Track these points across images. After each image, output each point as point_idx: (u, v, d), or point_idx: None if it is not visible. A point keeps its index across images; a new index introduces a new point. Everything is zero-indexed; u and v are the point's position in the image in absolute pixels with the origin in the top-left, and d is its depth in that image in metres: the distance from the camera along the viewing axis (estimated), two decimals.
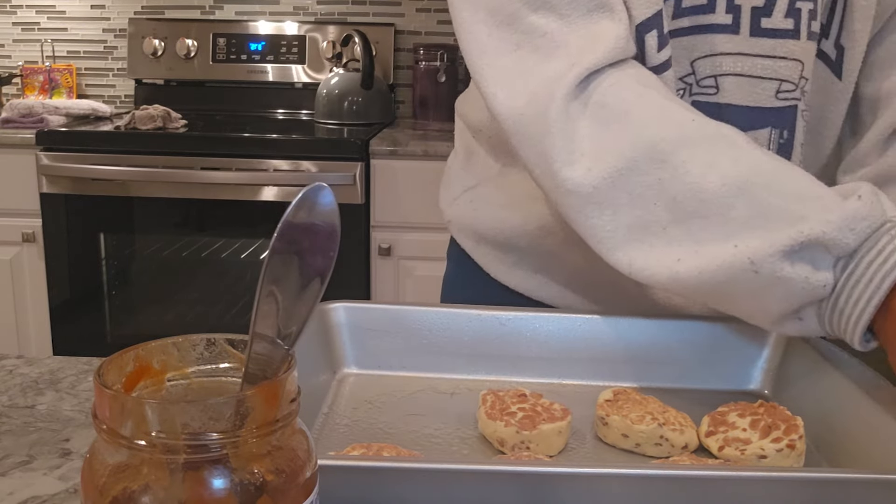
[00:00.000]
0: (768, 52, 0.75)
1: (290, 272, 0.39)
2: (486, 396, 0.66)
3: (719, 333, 0.74)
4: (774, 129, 0.76)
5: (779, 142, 0.77)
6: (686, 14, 0.75)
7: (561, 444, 0.63)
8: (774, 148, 0.76)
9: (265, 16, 2.80)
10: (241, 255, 2.40)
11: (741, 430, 0.62)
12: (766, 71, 0.75)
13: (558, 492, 0.49)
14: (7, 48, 2.92)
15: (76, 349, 2.38)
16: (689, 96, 0.76)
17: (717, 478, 0.50)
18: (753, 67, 0.75)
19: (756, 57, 0.75)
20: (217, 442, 0.34)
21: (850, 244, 0.59)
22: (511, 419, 0.63)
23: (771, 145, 0.76)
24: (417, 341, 0.74)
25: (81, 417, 0.69)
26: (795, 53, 0.75)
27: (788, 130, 0.77)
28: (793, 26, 0.74)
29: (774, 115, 0.76)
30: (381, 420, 0.67)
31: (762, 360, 0.74)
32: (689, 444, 0.63)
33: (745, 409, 0.64)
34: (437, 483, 0.49)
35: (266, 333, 0.38)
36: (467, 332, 0.74)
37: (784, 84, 0.76)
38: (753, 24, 0.74)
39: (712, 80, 0.75)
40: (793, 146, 0.77)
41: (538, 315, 0.75)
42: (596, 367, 0.74)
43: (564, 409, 0.65)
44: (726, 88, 0.75)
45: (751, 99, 0.76)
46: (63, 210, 2.31)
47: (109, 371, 0.37)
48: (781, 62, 0.75)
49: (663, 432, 0.63)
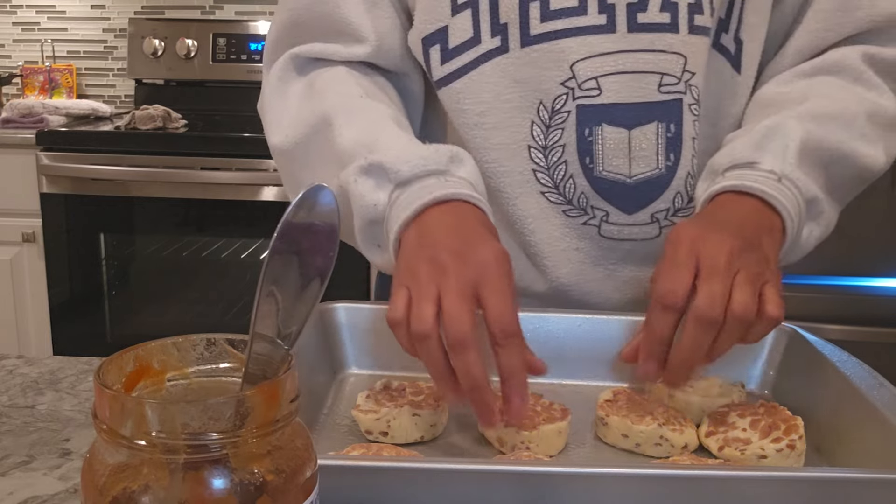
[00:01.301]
0: (647, 47, 0.75)
1: (290, 272, 0.39)
2: None
3: None
4: (661, 123, 0.77)
5: (667, 136, 0.77)
6: (556, 17, 0.76)
7: (561, 444, 0.64)
8: (663, 142, 0.77)
9: (265, 16, 2.80)
10: (241, 255, 2.40)
11: (741, 430, 0.62)
12: (647, 65, 0.76)
13: (558, 492, 0.49)
14: (7, 48, 2.92)
15: (76, 349, 2.38)
16: (572, 100, 0.77)
17: (716, 477, 0.50)
18: (635, 63, 0.76)
19: (636, 52, 0.75)
20: (217, 442, 0.34)
21: (405, 174, 0.70)
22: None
23: (659, 139, 0.77)
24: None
25: (81, 417, 0.69)
26: (675, 47, 0.76)
27: (675, 124, 0.77)
28: (669, 20, 0.75)
29: (659, 108, 0.77)
30: None
31: (762, 360, 0.74)
32: (689, 444, 0.63)
33: (745, 410, 0.64)
34: (436, 483, 0.49)
35: (266, 333, 0.38)
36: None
37: (666, 77, 0.76)
38: (630, 21, 0.75)
39: (594, 81, 0.76)
40: (682, 140, 0.78)
41: (539, 315, 0.75)
42: (596, 367, 0.74)
43: (564, 409, 0.65)
44: (609, 88, 0.76)
45: (635, 95, 0.76)
46: (63, 210, 2.31)
47: (109, 371, 0.37)
48: (661, 55, 0.76)
49: (663, 432, 0.63)
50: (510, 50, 0.77)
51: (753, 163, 0.72)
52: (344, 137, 0.75)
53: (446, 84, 0.80)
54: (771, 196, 0.69)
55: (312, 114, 0.79)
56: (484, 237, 0.65)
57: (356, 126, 0.76)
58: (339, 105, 0.78)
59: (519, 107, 0.78)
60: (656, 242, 0.80)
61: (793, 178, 0.71)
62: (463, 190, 0.69)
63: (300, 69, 0.85)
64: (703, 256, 0.63)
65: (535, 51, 0.76)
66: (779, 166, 0.71)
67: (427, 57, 0.80)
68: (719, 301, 0.61)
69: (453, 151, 0.73)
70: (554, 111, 0.77)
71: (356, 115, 0.77)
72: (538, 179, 0.79)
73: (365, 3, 0.81)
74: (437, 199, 0.68)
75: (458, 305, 0.60)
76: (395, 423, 0.63)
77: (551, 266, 0.82)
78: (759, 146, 0.73)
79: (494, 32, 0.77)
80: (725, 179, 0.72)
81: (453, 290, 0.60)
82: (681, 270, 0.63)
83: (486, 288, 0.61)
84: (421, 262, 0.63)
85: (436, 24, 0.79)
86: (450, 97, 0.80)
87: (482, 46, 0.78)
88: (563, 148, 0.78)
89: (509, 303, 0.61)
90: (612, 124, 0.76)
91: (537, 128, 0.78)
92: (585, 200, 0.79)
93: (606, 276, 0.82)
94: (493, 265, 0.62)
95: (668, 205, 0.79)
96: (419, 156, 0.71)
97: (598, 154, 0.77)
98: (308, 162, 0.80)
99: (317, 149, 0.79)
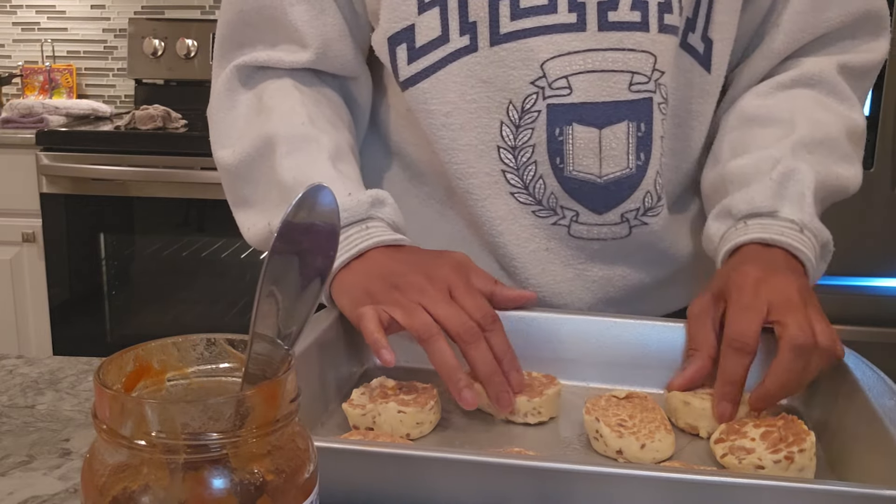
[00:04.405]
0: (616, 45, 0.75)
1: (290, 272, 0.39)
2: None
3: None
4: (631, 122, 0.77)
5: (637, 135, 0.77)
6: (526, 15, 0.75)
7: (559, 408, 0.69)
8: (633, 142, 0.77)
9: None
10: (240, 255, 2.40)
11: (749, 439, 0.61)
12: (616, 64, 0.75)
13: (571, 489, 0.49)
14: (7, 48, 2.92)
15: (76, 349, 2.39)
16: (542, 100, 0.76)
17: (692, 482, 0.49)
18: (604, 61, 0.75)
19: (606, 51, 0.75)
20: (217, 442, 0.34)
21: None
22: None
23: (630, 138, 0.77)
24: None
25: (81, 417, 0.69)
26: (644, 45, 0.76)
27: (645, 123, 0.77)
28: (640, 18, 0.75)
29: (629, 107, 0.76)
30: None
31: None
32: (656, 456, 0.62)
33: (762, 421, 0.63)
34: (432, 472, 0.50)
35: (266, 333, 0.38)
36: None
37: (636, 76, 0.76)
38: (601, 19, 0.75)
39: (564, 80, 0.76)
40: (651, 139, 0.78)
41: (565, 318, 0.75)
42: (614, 370, 0.73)
43: (548, 376, 0.70)
44: (579, 87, 0.76)
45: (605, 94, 0.76)
46: (63, 210, 2.31)
47: (109, 371, 0.37)
48: (631, 54, 0.75)
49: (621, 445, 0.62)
50: (479, 49, 0.77)
51: (774, 212, 0.74)
52: (284, 168, 0.78)
53: (413, 84, 0.79)
54: (797, 249, 0.73)
55: (258, 136, 0.81)
56: (430, 253, 0.73)
57: (295, 160, 0.78)
58: (282, 131, 0.80)
59: (486, 107, 0.78)
60: (626, 242, 0.81)
61: (812, 228, 0.74)
62: (384, 237, 0.74)
63: (245, 81, 0.87)
64: (774, 295, 0.67)
65: (505, 49, 0.76)
66: (798, 215, 0.74)
67: (393, 56, 0.80)
68: (808, 330, 0.64)
69: (373, 196, 0.76)
70: (524, 111, 0.77)
71: (297, 148, 0.79)
72: (507, 180, 0.79)
73: (312, 11, 0.82)
74: (360, 252, 0.72)
75: (450, 307, 0.67)
76: (380, 419, 0.64)
77: (521, 267, 0.82)
78: (777, 195, 0.75)
79: (463, 31, 0.77)
80: (750, 229, 0.74)
81: (438, 301, 0.67)
82: (751, 313, 0.66)
83: (457, 291, 0.69)
84: (390, 289, 0.69)
85: (402, 23, 0.78)
86: (416, 97, 0.79)
87: (450, 45, 0.77)
88: (532, 148, 0.77)
89: (480, 296, 0.69)
90: (583, 124, 0.76)
91: (506, 128, 0.78)
92: (555, 201, 0.79)
93: (576, 275, 0.82)
94: (452, 272, 0.70)
95: (638, 204, 0.79)
96: (343, 208, 0.72)
97: (569, 154, 0.77)
98: (251, 180, 0.83)
99: (259, 169, 0.81)
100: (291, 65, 0.84)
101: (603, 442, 0.62)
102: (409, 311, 0.67)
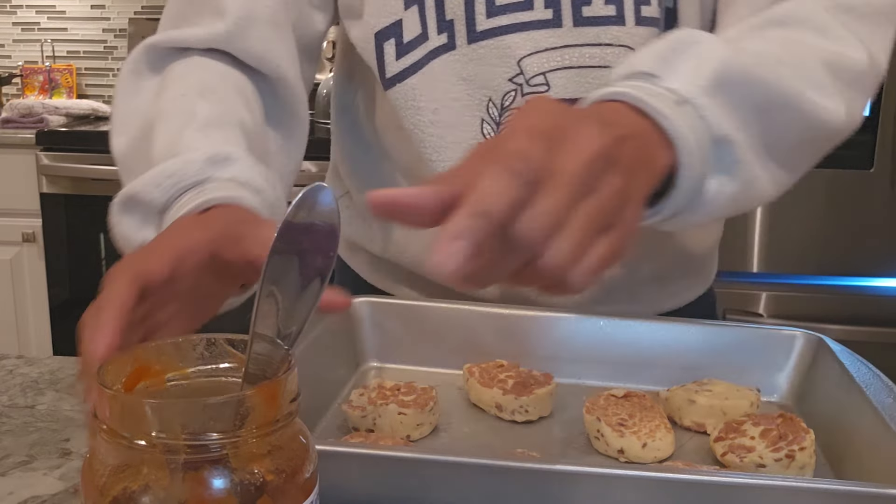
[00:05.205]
0: (593, 41, 0.74)
1: (290, 272, 0.39)
2: (472, 369, 0.70)
3: (744, 338, 0.73)
4: None
5: None
6: (502, 12, 0.75)
7: (551, 407, 0.68)
8: None
9: None
10: None
11: (749, 437, 0.61)
12: (594, 59, 0.75)
13: (567, 490, 0.49)
14: (7, 48, 2.92)
15: (76, 349, 2.38)
16: (521, 96, 0.76)
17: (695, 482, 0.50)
18: (581, 57, 0.75)
19: (582, 46, 0.74)
20: (217, 442, 0.34)
21: (159, 200, 0.60)
22: (504, 386, 0.67)
23: None
24: (439, 337, 0.75)
25: (81, 417, 0.69)
26: (622, 40, 0.75)
27: None
28: (615, 12, 0.74)
29: None
30: None
31: (788, 369, 0.72)
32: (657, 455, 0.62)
33: (761, 419, 0.63)
34: (435, 476, 0.50)
35: (266, 333, 0.38)
36: (490, 330, 0.74)
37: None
38: (576, 15, 0.74)
39: (542, 77, 0.75)
40: None
41: (565, 317, 0.75)
42: (608, 368, 0.73)
43: (545, 374, 0.69)
44: (556, 84, 0.75)
45: (582, 90, 0.75)
46: (63, 210, 2.31)
47: (109, 371, 0.37)
48: (608, 49, 0.74)
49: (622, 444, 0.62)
50: (457, 47, 0.76)
51: (652, 76, 0.57)
52: (157, 144, 0.65)
53: (401, 80, 0.78)
54: (664, 117, 0.54)
55: (146, 119, 0.69)
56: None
57: (167, 130, 0.65)
58: (164, 106, 0.68)
59: (468, 105, 0.77)
60: None
61: (698, 104, 0.56)
62: (219, 194, 0.58)
63: (153, 64, 0.75)
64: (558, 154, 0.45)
65: (482, 47, 0.75)
66: (683, 86, 0.56)
67: (381, 52, 0.78)
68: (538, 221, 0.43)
69: (213, 153, 0.61)
70: (503, 108, 0.76)
71: (171, 118, 0.67)
72: None
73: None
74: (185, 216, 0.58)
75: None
76: (380, 420, 0.64)
77: None
78: (664, 59, 0.58)
79: (441, 29, 0.76)
80: (612, 86, 0.56)
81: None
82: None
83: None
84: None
85: (390, 18, 0.77)
86: (404, 94, 0.78)
87: (430, 43, 0.77)
88: None
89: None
90: None
91: (487, 125, 0.77)
92: None
93: None
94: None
95: None
96: (167, 174, 0.60)
97: None
98: (132, 173, 0.66)
99: (138, 157, 0.68)
100: (205, 40, 0.74)
101: (604, 441, 0.62)
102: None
